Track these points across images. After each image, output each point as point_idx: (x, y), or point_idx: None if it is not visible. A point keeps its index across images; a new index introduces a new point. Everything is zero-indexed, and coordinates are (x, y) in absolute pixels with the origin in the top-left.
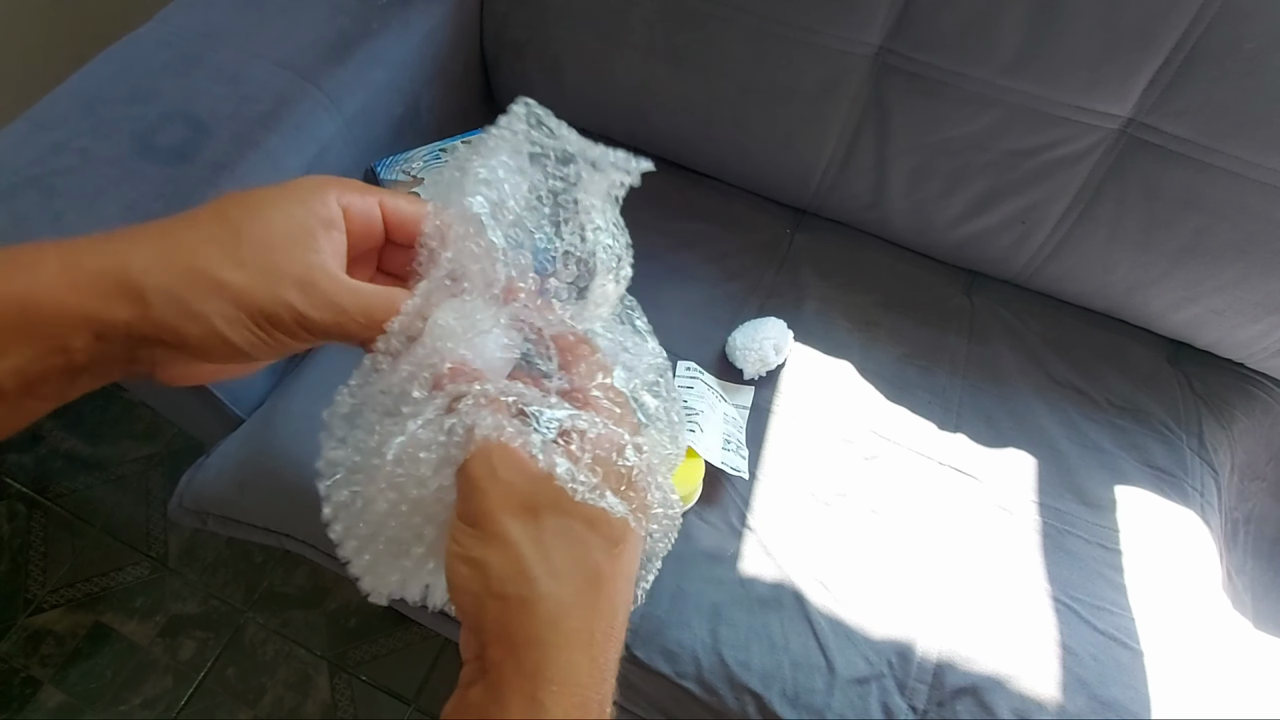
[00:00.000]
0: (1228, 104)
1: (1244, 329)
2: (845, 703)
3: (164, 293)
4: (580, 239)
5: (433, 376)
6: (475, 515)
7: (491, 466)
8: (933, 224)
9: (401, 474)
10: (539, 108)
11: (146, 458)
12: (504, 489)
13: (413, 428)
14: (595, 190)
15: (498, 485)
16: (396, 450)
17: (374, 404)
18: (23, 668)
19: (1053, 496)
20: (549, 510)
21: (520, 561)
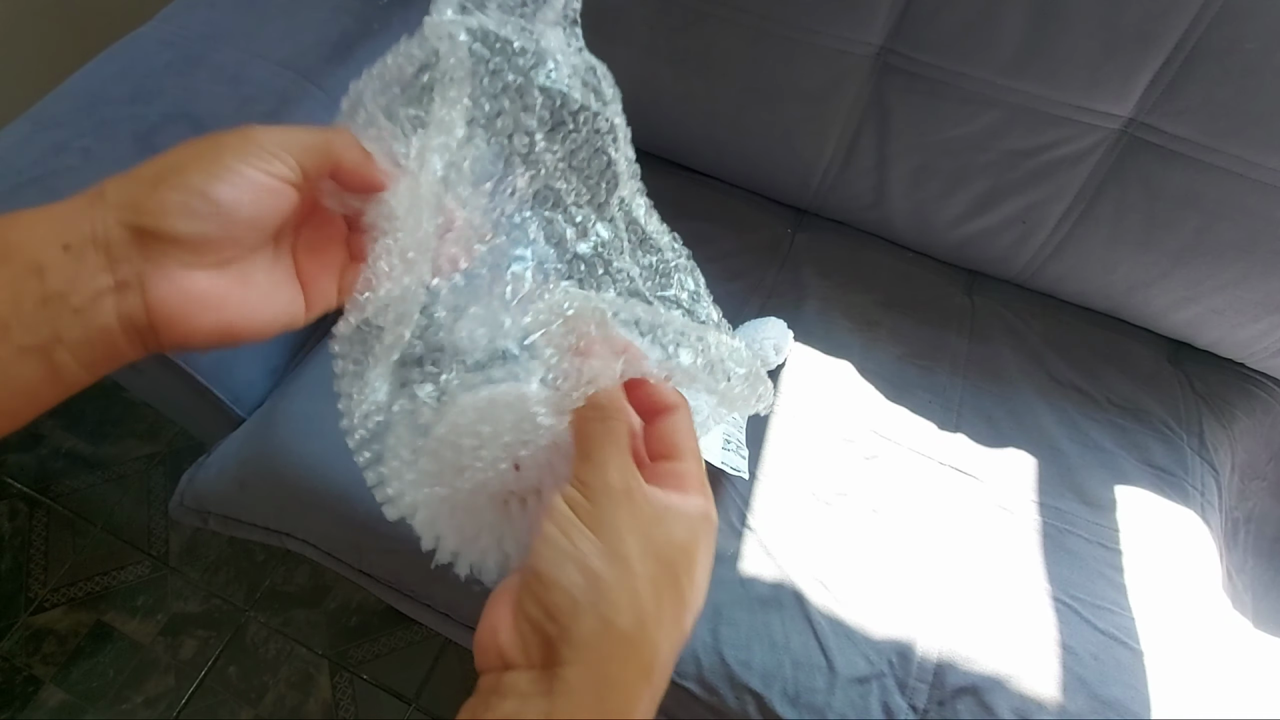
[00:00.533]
0: (1228, 104)
1: (1244, 328)
2: (846, 702)
3: (122, 184)
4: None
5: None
6: (600, 523)
7: (616, 450)
8: (933, 224)
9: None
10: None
11: (148, 457)
12: (630, 497)
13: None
14: (548, 24)
15: (624, 485)
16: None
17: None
18: (24, 666)
19: (1053, 496)
20: (656, 526)
21: (638, 597)
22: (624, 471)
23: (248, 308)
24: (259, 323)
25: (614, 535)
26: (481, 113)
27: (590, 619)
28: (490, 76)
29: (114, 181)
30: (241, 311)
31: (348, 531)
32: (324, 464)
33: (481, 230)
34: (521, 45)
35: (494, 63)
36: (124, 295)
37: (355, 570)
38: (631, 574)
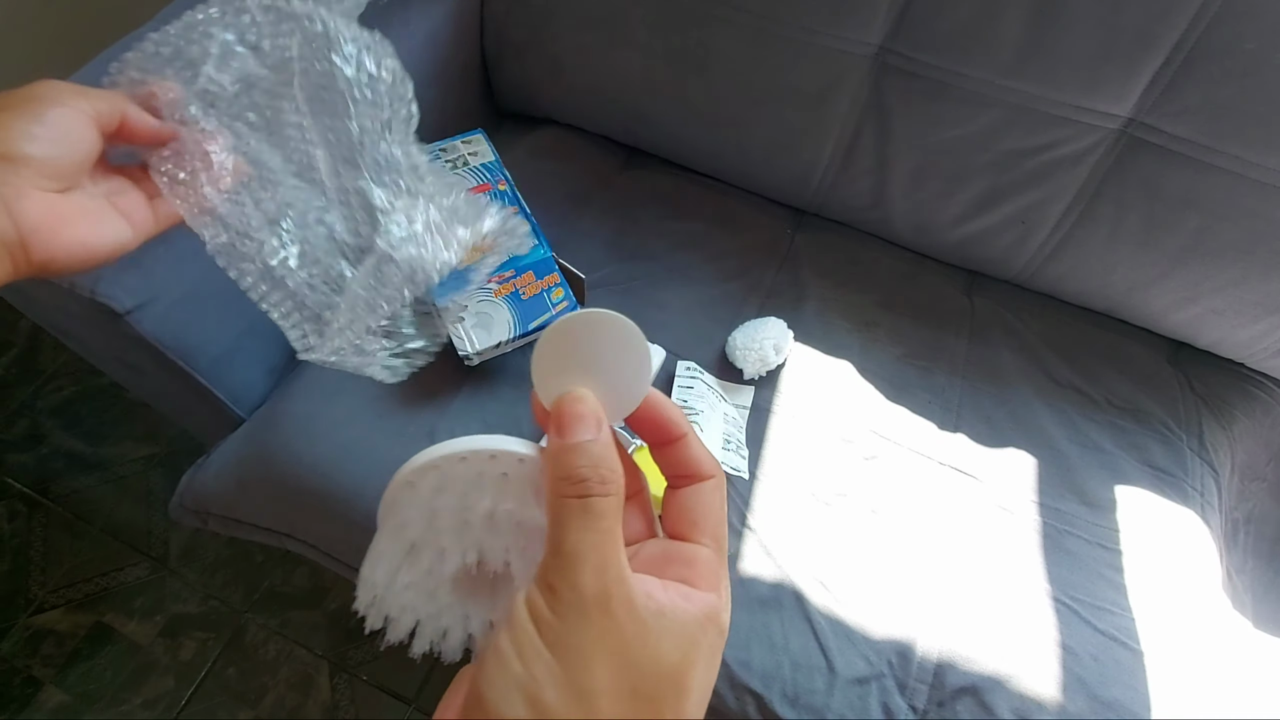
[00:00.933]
0: (1228, 104)
1: (1244, 329)
2: (845, 703)
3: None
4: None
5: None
6: (563, 642)
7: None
8: (933, 224)
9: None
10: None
11: (147, 458)
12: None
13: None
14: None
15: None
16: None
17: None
18: (23, 668)
19: (1053, 496)
20: (639, 646)
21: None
22: (601, 573)
23: (91, 228)
24: (104, 242)
25: (579, 660)
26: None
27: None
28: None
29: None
30: (89, 229)
31: (348, 532)
32: (324, 464)
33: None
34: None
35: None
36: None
37: (355, 571)
38: (594, 714)
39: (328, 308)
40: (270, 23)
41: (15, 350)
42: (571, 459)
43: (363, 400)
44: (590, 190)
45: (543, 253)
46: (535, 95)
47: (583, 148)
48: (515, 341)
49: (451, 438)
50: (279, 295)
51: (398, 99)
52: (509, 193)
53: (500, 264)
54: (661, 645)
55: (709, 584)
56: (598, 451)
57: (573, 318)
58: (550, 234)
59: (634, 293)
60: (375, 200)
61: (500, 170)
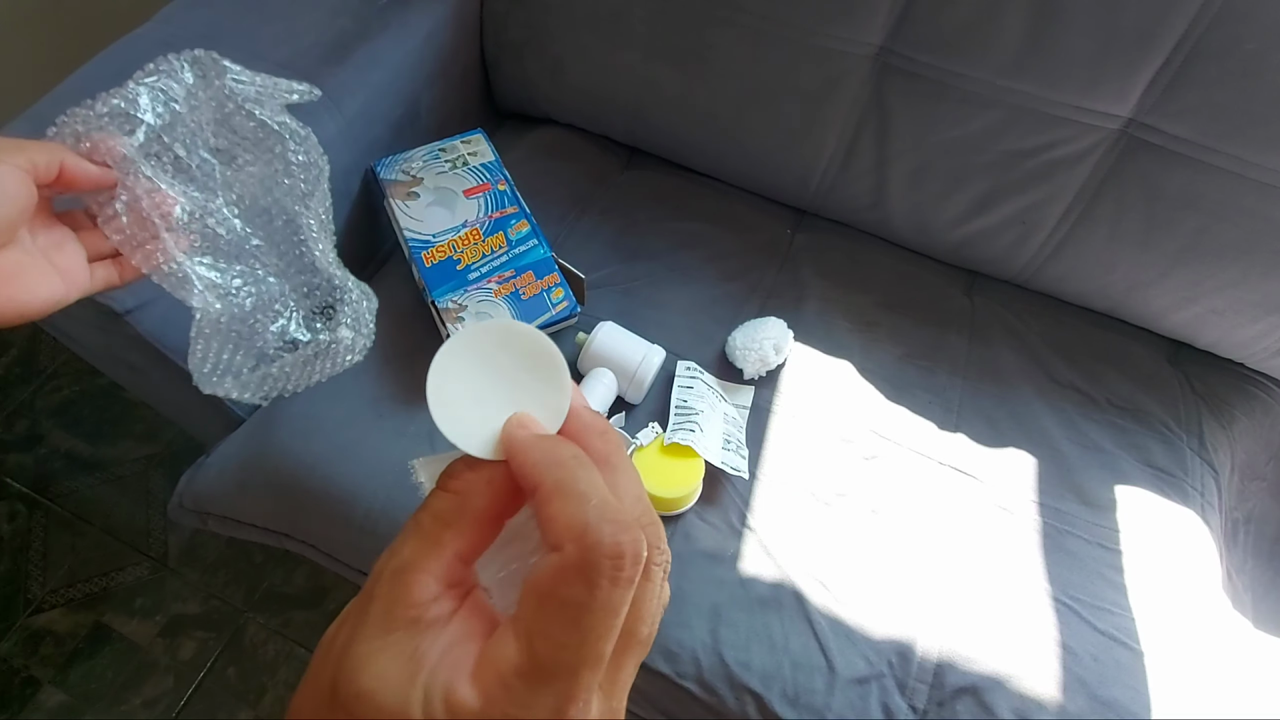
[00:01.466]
0: (1228, 104)
1: (1244, 329)
2: (845, 703)
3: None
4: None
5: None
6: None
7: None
8: (933, 224)
9: None
10: (211, 58)
11: (147, 458)
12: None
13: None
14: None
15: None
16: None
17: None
18: (23, 668)
19: (1053, 496)
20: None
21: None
22: (384, 566)
23: (23, 286)
24: (36, 300)
25: (342, 614)
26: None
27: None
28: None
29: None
30: (20, 288)
31: (348, 531)
32: (324, 464)
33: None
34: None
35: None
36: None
37: (355, 570)
38: (319, 663)
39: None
40: (202, 89)
41: (15, 350)
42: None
43: (363, 401)
44: (590, 190)
45: (543, 253)
46: (535, 95)
47: (583, 147)
48: None
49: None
50: (215, 333)
51: (315, 179)
52: (509, 192)
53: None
54: (365, 671)
55: (481, 683)
56: (472, 471)
57: (491, 328)
58: (550, 234)
59: (634, 293)
60: (331, 279)
61: (500, 170)
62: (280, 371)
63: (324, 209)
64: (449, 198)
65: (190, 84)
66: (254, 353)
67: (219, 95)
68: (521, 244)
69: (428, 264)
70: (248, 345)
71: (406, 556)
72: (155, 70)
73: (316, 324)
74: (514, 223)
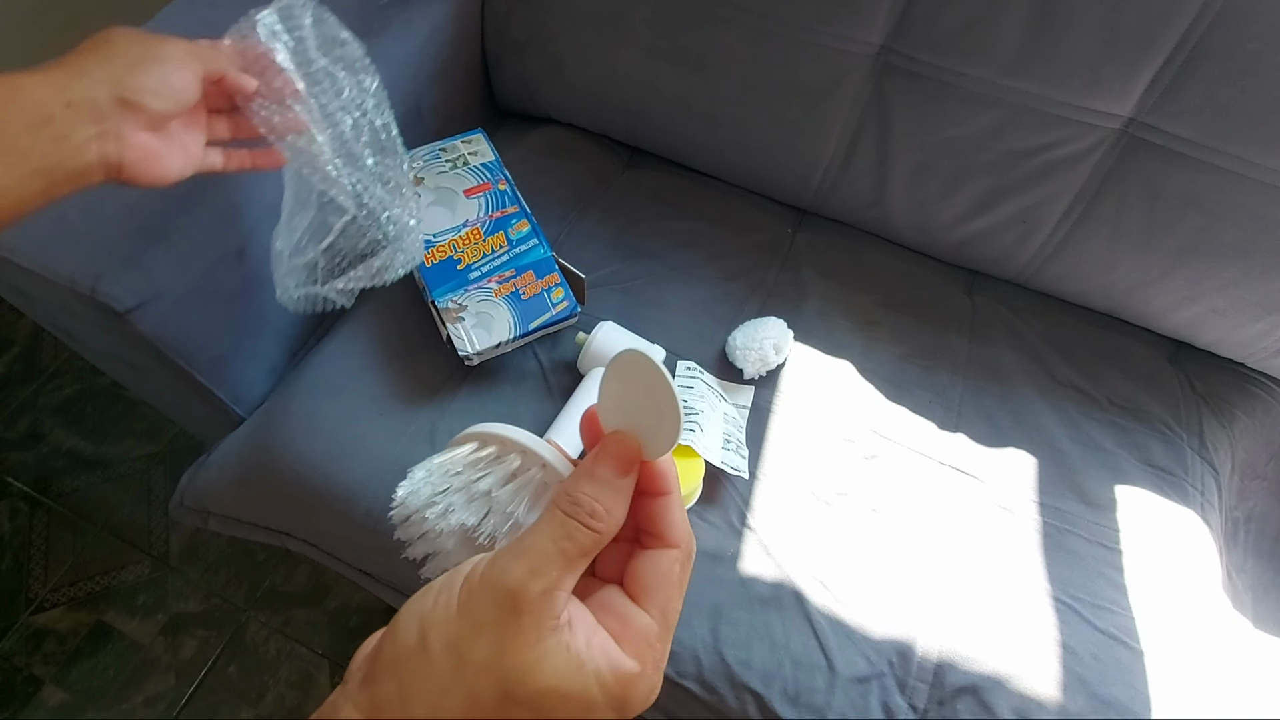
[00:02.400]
0: (1229, 104)
1: (1244, 328)
2: (846, 702)
3: (102, 63)
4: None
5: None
6: (469, 606)
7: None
8: (934, 224)
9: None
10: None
11: (148, 457)
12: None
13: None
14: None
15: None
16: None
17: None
18: (24, 666)
19: (1053, 496)
20: (529, 670)
21: (446, 697)
22: (530, 579)
23: (169, 163)
24: (172, 173)
25: (470, 630)
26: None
27: (388, 682)
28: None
29: (88, 58)
30: (167, 164)
31: (348, 531)
32: (324, 464)
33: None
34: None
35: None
36: (104, 142)
37: (355, 570)
38: (459, 678)
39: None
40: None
41: (16, 349)
42: (585, 484)
43: (363, 399)
44: (591, 189)
45: (543, 252)
46: (535, 95)
47: (583, 147)
48: (515, 341)
49: (452, 436)
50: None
51: (383, 99)
52: (509, 192)
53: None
54: (539, 676)
55: (635, 650)
56: (609, 492)
57: (652, 362)
58: (551, 233)
59: (634, 292)
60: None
61: (500, 170)
62: (374, 265)
63: (393, 121)
64: (449, 197)
65: (304, 18)
66: (356, 253)
67: (320, 27)
68: (522, 243)
69: (428, 264)
70: (352, 246)
71: (553, 579)
72: (276, 6)
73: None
74: (514, 222)
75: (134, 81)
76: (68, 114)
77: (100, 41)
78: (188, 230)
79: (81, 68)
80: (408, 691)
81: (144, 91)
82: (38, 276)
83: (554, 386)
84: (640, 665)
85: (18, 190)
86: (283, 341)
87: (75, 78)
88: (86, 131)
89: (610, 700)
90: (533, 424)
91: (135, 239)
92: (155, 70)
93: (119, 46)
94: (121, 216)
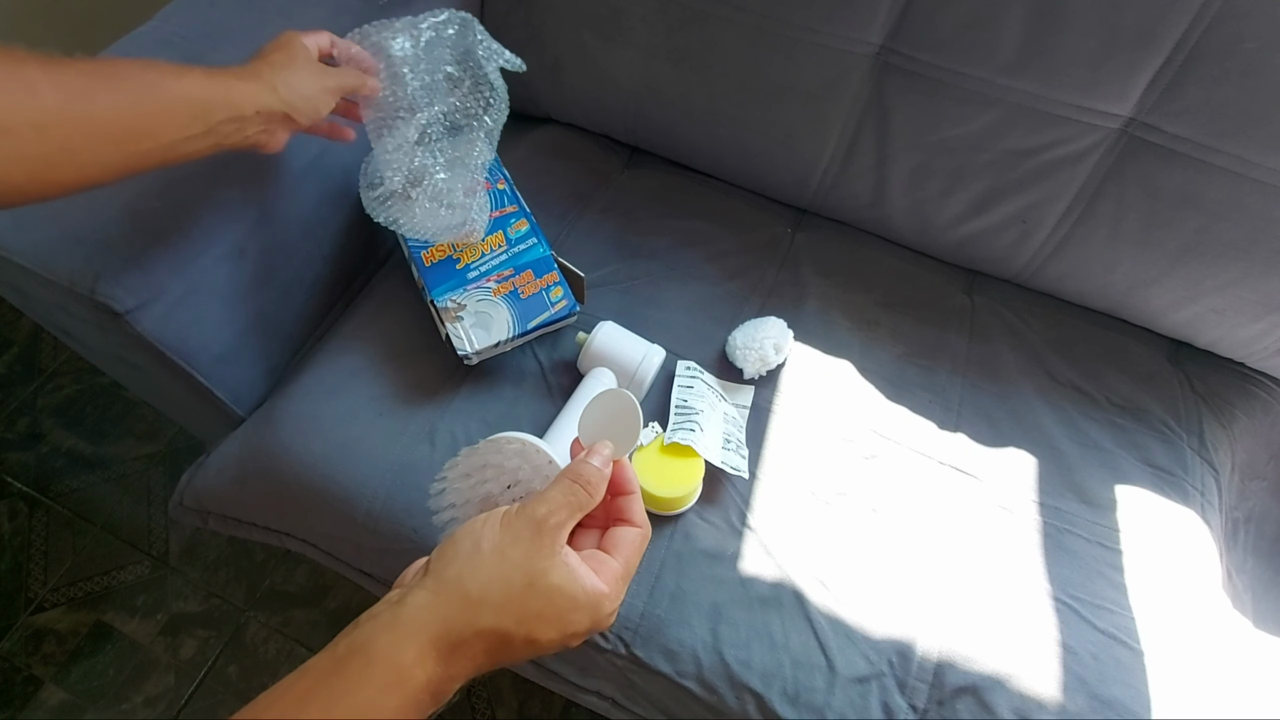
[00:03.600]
0: (1228, 104)
1: (1244, 328)
2: (845, 702)
3: (276, 76)
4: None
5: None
6: (509, 527)
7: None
8: (933, 223)
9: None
10: (465, 19)
11: (147, 456)
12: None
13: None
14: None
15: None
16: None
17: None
18: (24, 666)
19: (1053, 496)
20: (543, 575)
21: (490, 586)
22: (550, 515)
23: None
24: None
25: (508, 541)
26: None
27: (451, 569)
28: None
29: (266, 67)
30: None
31: (348, 531)
32: (324, 463)
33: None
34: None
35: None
36: (262, 135)
37: (355, 570)
38: (502, 569)
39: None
40: (453, 38)
41: (15, 349)
42: (587, 468)
43: (362, 399)
44: (590, 189)
45: (542, 251)
46: (535, 94)
47: (583, 146)
48: (514, 341)
49: (451, 436)
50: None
51: (497, 120)
52: (508, 191)
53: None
54: (550, 576)
55: (606, 579)
56: (600, 475)
57: (619, 394)
58: (550, 233)
59: (634, 291)
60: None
61: (500, 169)
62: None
63: (494, 139)
64: None
65: (443, 34)
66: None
67: (466, 43)
68: (521, 243)
69: (427, 263)
70: (433, 209)
71: (562, 519)
72: (427, 18)
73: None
74: (513, 221)
75: (299, 103)
76: (254, 119)
77: (285, 56)
78: (188, 230)
79: (271, 83)
80: (464, 575)
81: (302, 112)
82: (37, 276)
83: (554, 386)
84: (608, 589)
85: (200, 151)
86: (282, 341)
87: (265, 92)
88: (257, 128)
89: (588, 606)
90: (533, 423)
91: (135, 239)
92: (314, 96)
93: (298, 61)
94: (121, 216)
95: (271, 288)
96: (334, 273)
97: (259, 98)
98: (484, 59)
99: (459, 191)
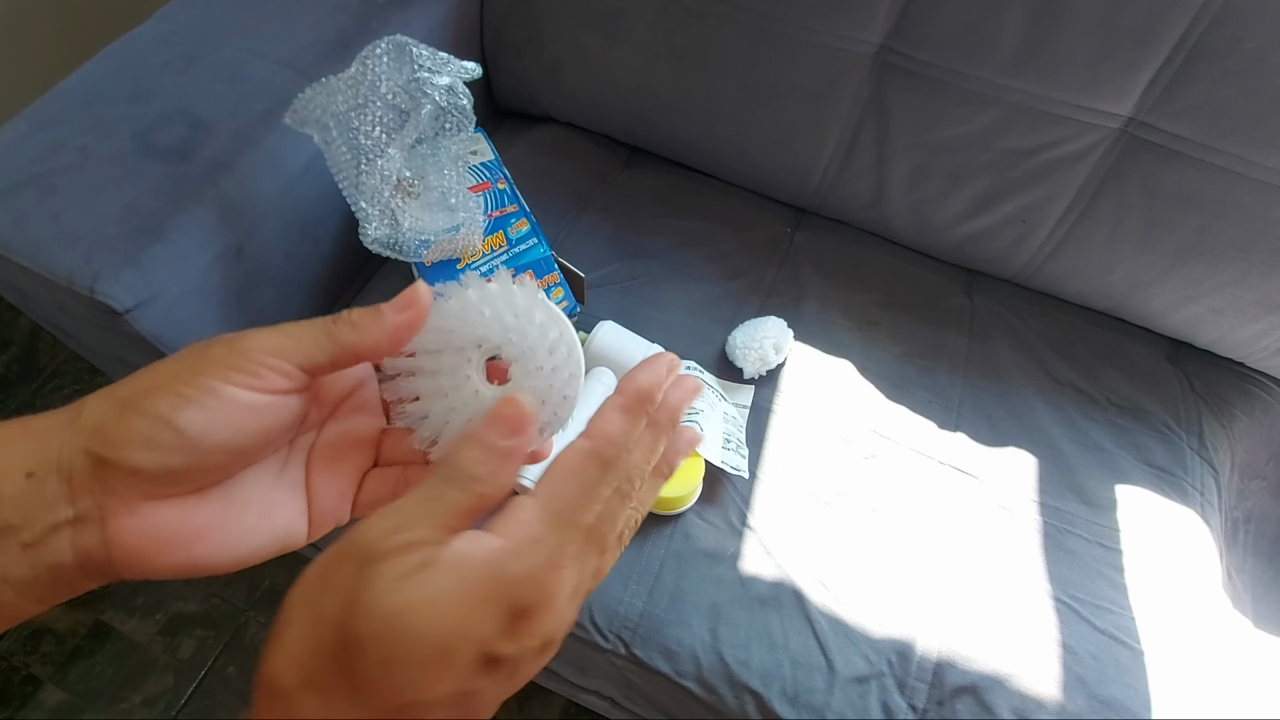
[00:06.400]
0: (1228, 103)
1: (1244, 328)
2: (845, 702)
3: (98, 403)
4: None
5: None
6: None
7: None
8: (933, 223)
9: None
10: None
11: None
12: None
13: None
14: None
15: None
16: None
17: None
18: (23, 666)
19: (1053, 495)
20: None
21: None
22: (386, 541)
23: (227, 539)
24: (241, 553)
25: (320, 586)
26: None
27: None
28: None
29: (94, 398)
30: (218, 544)
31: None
32: None
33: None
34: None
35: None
36: (81, 529)
37: None
38: (317, 630)
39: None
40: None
41: (14, 349)
42: (466, 449)
43: None
44: (590, 189)
45: (542, 251)
46: (535, 94)
47: (583, 146)
48: None
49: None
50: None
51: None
52: (508, 191)
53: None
54: (391, 596)
55: (502, 529)
56: (493, 455)
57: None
58: (550, 233)
59: (634, 291)
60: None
61: (500, 169)
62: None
63: (465, 153)
64: None
65: (375, 68)
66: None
67: (408, 70)
68: (521, 243)
69: (427, 263)
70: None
71: (420, 535)
72: (362, 60)
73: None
74: (513, 221)
75: (119, 427)
76: (25, 489)
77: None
78: (187, 230)
79: (76, 410)
80: (274, 663)
81: (125, 441)
82: (35, 275)
83: None
84: (505, 540)
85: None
86: None
87: (59, 428)
88: (51, 517)
89: (491, 589)
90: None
91: (134, 238)
92: (159, 401)
93: (156, 368)
94: (120, 216)
95: (270, 288)
96: (333, 273)
97: (45, 446)
98: (430, 77)
99: (441, 229)
